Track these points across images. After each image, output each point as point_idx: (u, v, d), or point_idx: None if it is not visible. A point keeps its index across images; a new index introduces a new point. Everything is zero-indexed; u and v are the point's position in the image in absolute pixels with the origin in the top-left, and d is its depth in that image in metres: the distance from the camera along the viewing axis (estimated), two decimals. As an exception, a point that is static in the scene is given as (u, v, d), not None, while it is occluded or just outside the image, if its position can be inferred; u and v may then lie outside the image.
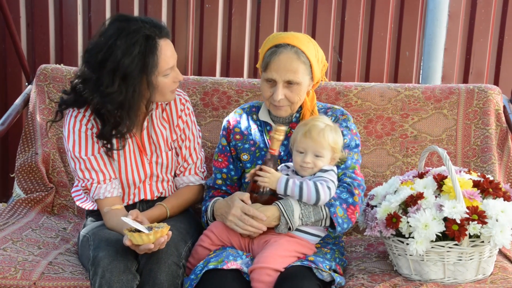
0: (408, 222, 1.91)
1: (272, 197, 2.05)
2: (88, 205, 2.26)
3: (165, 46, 2.05)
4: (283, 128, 2.03)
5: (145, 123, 2.19)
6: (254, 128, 2.25)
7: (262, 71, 2.13)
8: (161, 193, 2.27)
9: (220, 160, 2.28)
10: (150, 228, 1.89)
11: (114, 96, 1.99)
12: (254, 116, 2.27)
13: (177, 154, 2.27)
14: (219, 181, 2.27)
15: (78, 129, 2.12)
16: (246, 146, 2.24)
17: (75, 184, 2.29)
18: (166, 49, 2.06)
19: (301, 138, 2.04)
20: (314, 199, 1.99)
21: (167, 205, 2.21)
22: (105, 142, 2.09)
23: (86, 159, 2.12)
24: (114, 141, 2.10)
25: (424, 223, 1.87)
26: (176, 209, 2.24)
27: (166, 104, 2.24)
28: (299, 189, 1.99)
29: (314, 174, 2.05)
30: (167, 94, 2.12)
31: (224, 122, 2.31)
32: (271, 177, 2.01)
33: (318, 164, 2.04)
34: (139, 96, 2.04)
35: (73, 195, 2.33)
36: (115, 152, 2.15)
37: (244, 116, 2.28)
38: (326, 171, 2.04)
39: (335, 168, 2.08)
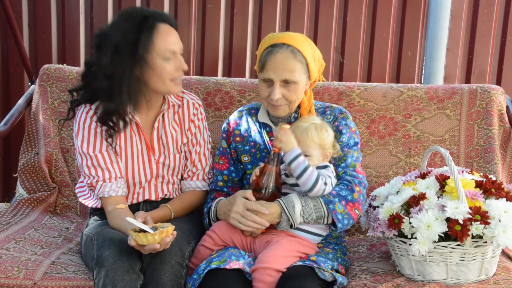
0: (410, 223, 1.91)
1: (275, 193, 2.05)
2: (91, 203, 2.25)
3: (166, 30, 2.06)
4: (287, 126, 2.03)
5: (156, 124, 2.19)
6: (254, 130, 2.25)
7: (259, 72, 2.13)
8: (166, 195, 2.26)
9: (221, 162, 2.28)
10: (155, 228, 1.89)
11: (105, 69, 2.01)
12: (254, 118, 2.27)
13: (186, 158, 2.27)
14: (220, 183, 2.27)
15: (88, 125, 2.12)
16: (247, 148, 2.24)
17: (79, 181, 2.29)
18: (167, 33, 2.05)
19: None
20: (308, 187, 1.98)
21: (172, 207, 2.21)
22: (106, 128, 2.08)
23: (93, 156, 2.12)
24: (116, 127, 2.09)
25: (427, 224, 1.87)
26: (180, 212, 2.23)
27: (179, 107, 2.24)
28: (303, 169, 1.98)
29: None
30: (168, 82, 2.08)
31: (224, 125, 2.31)
32: (288, 141, 1.98)
33: (311, 163, 2.03)
34: (130, 72, 2.03)
35: (76, 191, 2.32)
36: (122, 149, 2.15)
37: (244, 118, 2.28)
38: (325, 167, 2.05)
39: (331, 165, 2.09)
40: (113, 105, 2.04)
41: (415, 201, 1.94)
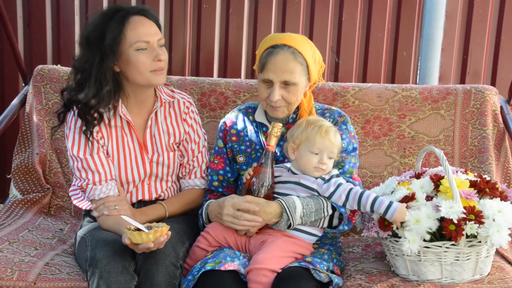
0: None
1: (269, 193, 2.04)
2: (85, 205, 2.25)
3: (138, 21, 2.06)
4: (280, 125, 2.03)
5: (149, 122, 2.18)
6: (250, 130, 2.25)
7: (259, 72, 2.13)
8: (160, 195, 2.25)
9: (216, 162, 2.27)
10: (149, 228, 1.89)
11: (79, 63, 2.04)
12: (251, 117, 2.26)
13: (182, 156, 2.26)
14: (216, 183, 2.26)
15: (79, 127, 2.11)
16: (242, 147, 2.24)
17: (72, 183, 2.28)
18: (138, 24, 2.05)
19: (319, 139, 2.01)
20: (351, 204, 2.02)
21: (167, 204, 2.19)
22: (83, 121, 2.08)
23: (83, 159, 2.11)
24: (93, 121, 2.08)
25: (416, 219, 1.87)
26: (177, 210, 2.22)
27: (170, 107, 2.23)
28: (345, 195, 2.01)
29: (330, 177, 2.05)
30: (146, 74, 2.07)
31: (221, 124, 2.31)
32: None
33: (330, 166, 2.05)
34: (100, 62, 2.03)
35: (70, 193, 2.31)
36: (114, 150, 2.14)
37: (241, 117, 2.28)
38: (338, 175, 2.06)
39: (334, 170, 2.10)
40: (81, 97, 2.04)
41: (407, 202, 1.94)
